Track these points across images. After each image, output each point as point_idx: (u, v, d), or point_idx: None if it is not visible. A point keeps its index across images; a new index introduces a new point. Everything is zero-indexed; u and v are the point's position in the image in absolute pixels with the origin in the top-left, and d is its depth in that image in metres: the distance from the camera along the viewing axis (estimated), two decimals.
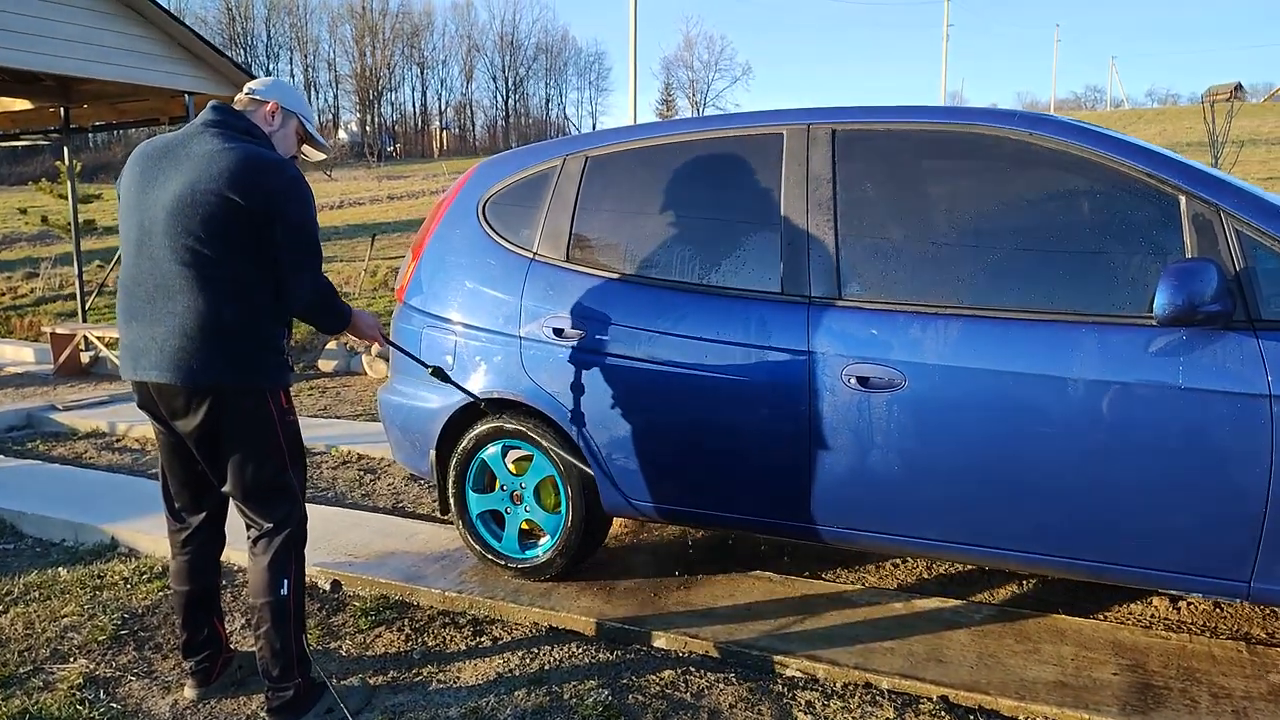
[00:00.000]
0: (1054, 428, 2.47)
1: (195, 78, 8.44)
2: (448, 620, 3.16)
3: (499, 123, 74.19)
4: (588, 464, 3.14)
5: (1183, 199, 2.43)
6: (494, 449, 3.34)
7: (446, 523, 3.96)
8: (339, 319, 2.59)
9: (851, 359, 2.69)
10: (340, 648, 3.00)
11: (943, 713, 2.50)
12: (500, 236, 3.35)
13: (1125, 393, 2.39)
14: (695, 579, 3.35)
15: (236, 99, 2.63)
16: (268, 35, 65.26)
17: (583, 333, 3.09)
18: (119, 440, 5.99)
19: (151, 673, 2.89)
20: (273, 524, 2.51)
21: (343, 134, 60.48)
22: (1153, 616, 3.04)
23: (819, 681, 2.68)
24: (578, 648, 2.94)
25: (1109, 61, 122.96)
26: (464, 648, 2.98)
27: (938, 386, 2.59)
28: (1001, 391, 2.51)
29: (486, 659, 2.89)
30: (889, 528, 2.76)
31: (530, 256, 3.27)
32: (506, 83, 74.09)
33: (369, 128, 62.96)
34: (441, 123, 72.28)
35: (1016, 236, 2.62)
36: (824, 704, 2.56)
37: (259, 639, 2.51)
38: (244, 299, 2.40)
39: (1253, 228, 2.35)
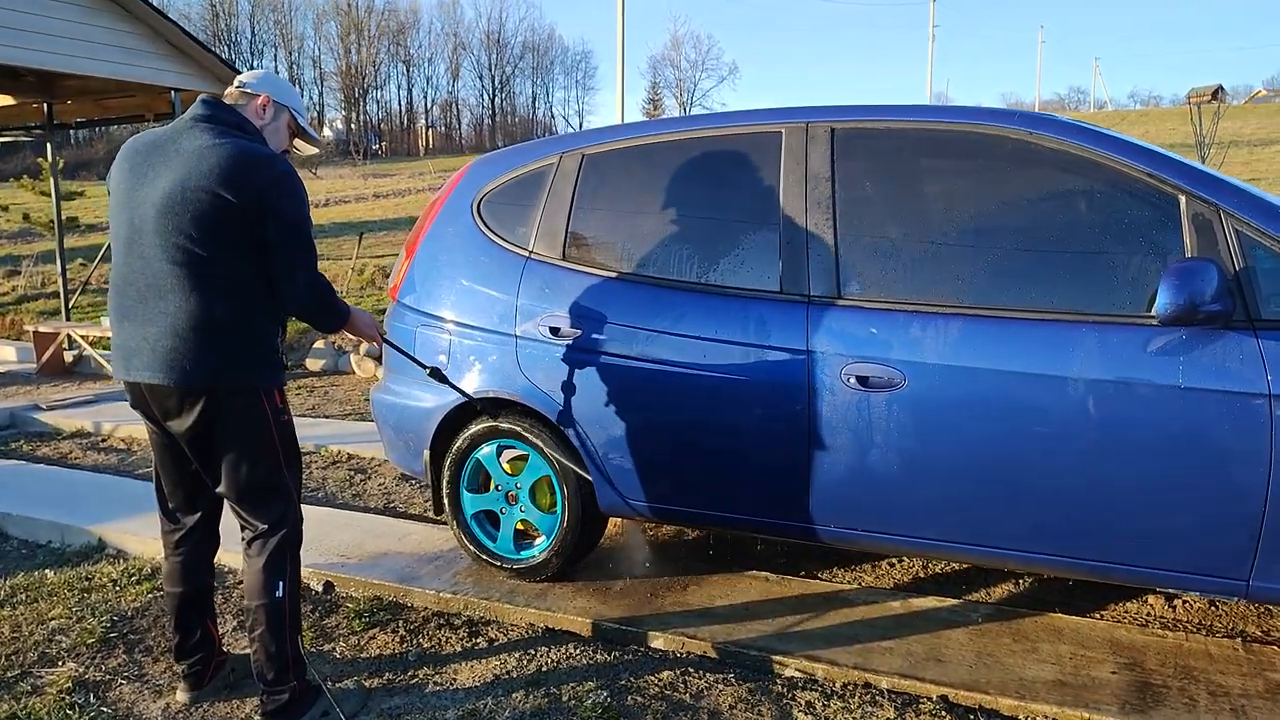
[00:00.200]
0: (1054, 427, 2.46)
1: (181, 74, 8.36)
2: (443, 622, 3.14)
3: (485, 121, 74.07)
4: (584, 464, 3.12)
5: (1183, 199, 2.43)
6: (489, 449, 3.31)
7: (440, 523, 3.93)
8: (337, 317, 2.56)
9: (851, 358, 2.68)
10: (334, 650, 2.97)
11: (943, 712, 2.49)
12: (495, 234, 3.32)
13: (1125, 392, 2.39)
14: (691, 579, 3.33)
15: (227, 92, 2.59)
16: (252, 32, 64.93)
17: (579, 331, 3.07)
18: (105, 440, 5.93)
19: (142, 676, 2.85)
20: (268, 525, 2.48)
21: (328, 132, 60.05)
22: (1149, 615, 3.05)
23: (818, 681, 2.67)
24: (575, 649, 2.92)
25: (1093, 63, 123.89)
26: (460, 649, 2.95)
27: (938, 386, 2.58)
28: (1002, 391, 2.51)
29: (483, 660, 2.87)
30: (888, 527, 2.75)
31: (526, 255, 3.24)
32: (493, 81, 73.98)
33: (354, 125, 62.70)
34: (427, 121, 72.06)
35: (1016, 236, 2.61)
36: (824, 704, 2.55)
37: (253, 641, 2.47)
38: (237, 297, 2.37)
39: (1252, 227, 2.36)
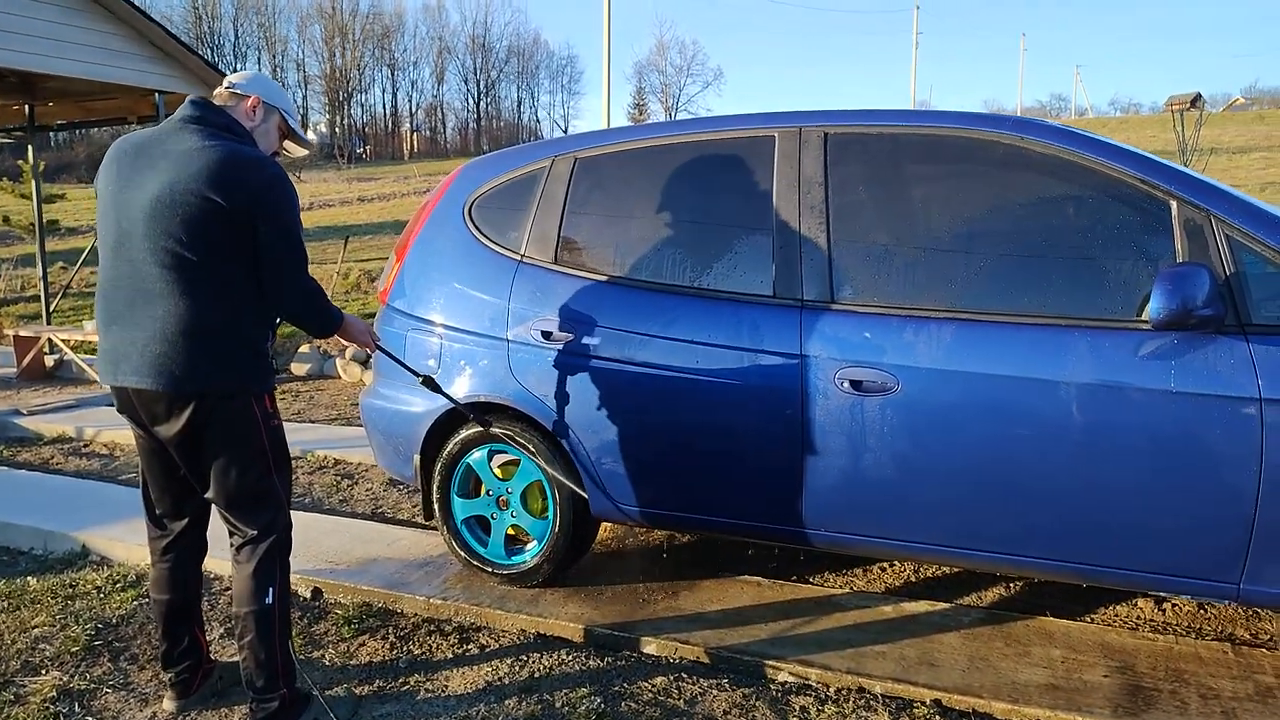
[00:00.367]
0: (1047, 431, 2.47)
1: (166, 76, 8.29)
2: (433, 628, 3.11)
3: (470, 125, 73.92)
4: (577, 472, 3.11)
5: (1174, 204, 2.45)
6: (480, 453, 3.29)
7: (429, 529, 3.90)
8: (329, 322, 2.53)
9: (844, 363, 2.68)
10: (323, 657, 2.94)
11: (936, 716, 2.49)
12: (487, 238, 3.31)
13: (1117, 396, 2.40)
14: (683, 584, 3.32)
15: (216, 93, 2.56)
16: (235, 35, 64.52)
17: (572, 336, 3.06)
18: (87, 445, 5.85)
19: (128, 684, 2.81)
20: (257, 530, 2.45)
21: (312, 135, 59.29)
22: (1139, 618, 3.06)
23: (812, 686, 2.67)
24: (567, 655, 2.90)
25: (1074, 70, 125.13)
26: (450, 656, 2.93)
27: (931, 390, 2.58)
28: (995, 395, 2.52)
29: (474, 667, 2.84)
30: (882, 532, 2.75)
31: (518, 258, 3.23)
32: (478, 85, 73.84)
33: (338, 129, 62.40)
34: (412, 125, 71.80)
35: (1009, 240, 2.63)
36: (819, 709, 2.54)
37: (243, 649, 2.44)
38: (226, 301, 2.34)
39: (1242, 233, 2.38)
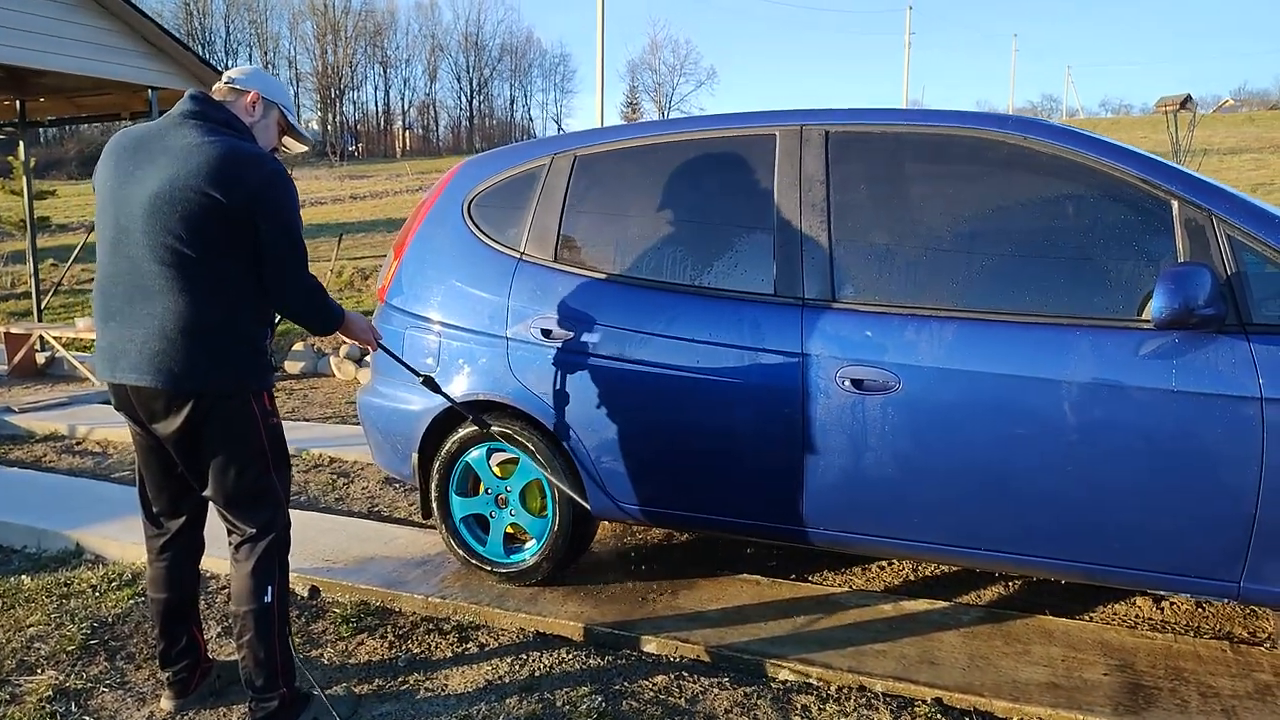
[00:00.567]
0: (1048, 430, 2.47)
1: (160, 72, 8.23)
2: (432, 626, 3.10)
3: (463, 123, 73.78)
4: (575, 466, 3.10)
5: (1175, 204, 2.45)
6: (478, 452, 3.28)
7: (426, 527, 3.89)
8: (330, 320, 2.51)
9: (846, 361, 2.68)
10: (322, 656, 2.92)
11: (938, 715, 2.49)
12: (486, 236, 3.29)
13: (1119, 395, 2.41)
14: (682, 582, 3.32)
15: (215, 88, 2.54)
16: (226, 31, 64.27)
17: (572, 334, 3.05)
18: (79, 443, 5.82)
19: (125, 684, 2.79)
20: (256, 529, 2.43)
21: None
22: (1137, 616, 3.07)
23: (813, 685, 2.66)
24: (567, 653, 2.89)
25: (1065, 71, 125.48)
26: (450, 655, 2.92)
27: (932, 389, 2.58)
28: (996, 394, 2.52)
29: (474, 666, 2.83)
30: (883, 530, 2.75)
31: (517, 256, 3.21)
32: (471, 83, 73.72)
33: (331, 126, 62.19)
34: (405, 122, 71.69)
35: (1010, 239, 2.63)
36: (820, 708, 2.54)
37: (242, 648, 2.43)
38: (226, 298, 2.32)
39: (1243, 232, 2.38)
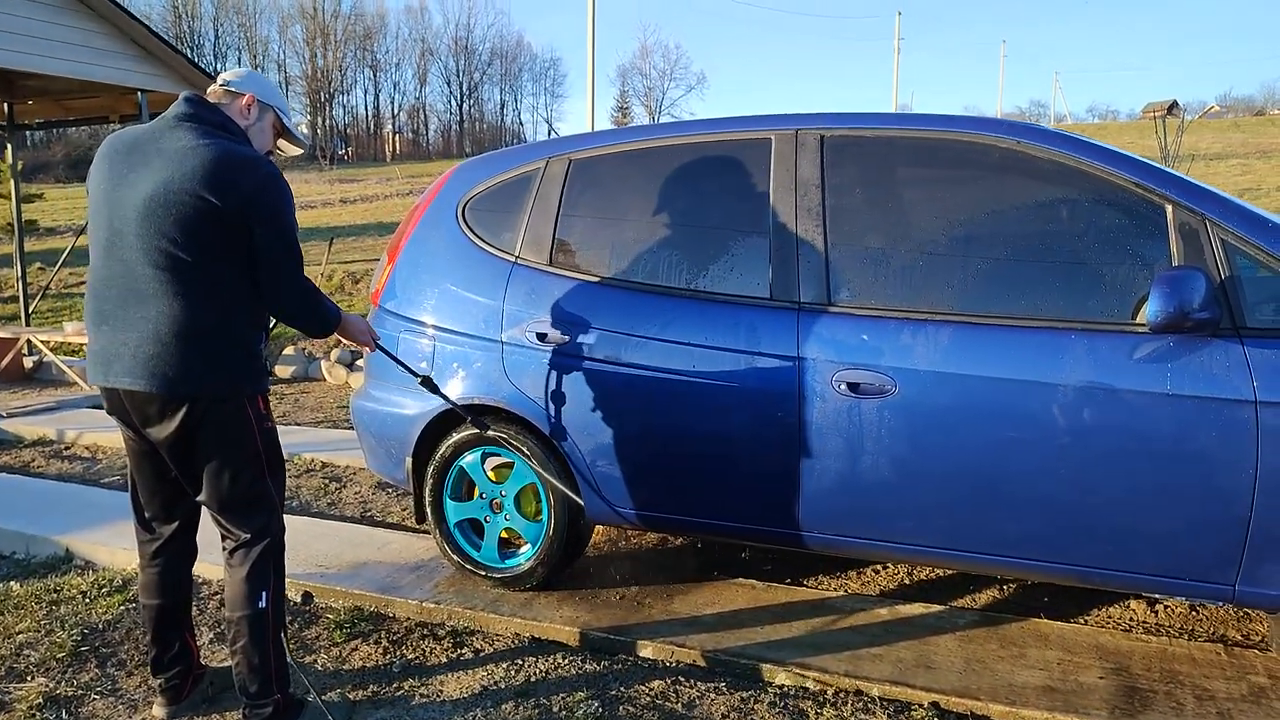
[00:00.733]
0: (1044, 434, 2.48)
1: (149, 75, 8.19)
2: (426, 632, 3.08)
3: (453, 127, 73.73)
4: (570, 470, 3.09)
5: (1169, 208, 2.47)
6: (473, 456, 3.27)
7: (420, 532, 3.87)
8: (326, 322, 2.50)
9: (842, 365, 2.68)
10: (315, 662, 2.90)
11: (935, 719, 2.49)
12: (481, 239, 3.28)
13: (1114, 399, 2.41)
14: (678, 587, 3.31)
15: (210, 91, 2.53)
16: (215, 35, 64.10)
17: (567, 338, 3.04)
18: (68, 448, 5.77)
19: (116, 691, 2.76)
20: (250, 534, 2.42)
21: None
22: (1132, 620, 3.08)
23: (810, 690, 2.66)
24: (563, 658, 2.88)
25: (1053, 77, 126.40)
26: (445, 660, 2.90)
27: (928, 392, 2.59)
28: (992, 398, 2.52)
29: (469, 671, 2.82)
30: (879, 534, 2.75)
31: (512, 260, 3.21)
32: (461, 87, 73.70)
33: (320, 130, 62.00)
34: (394, 126, 71.55)
35: (1006, 243, 2.63)
36: (817, 712, 2.53)
37: (236, 654, 2.41)
38: (220, 302, 2.31)
39: (1237, 236, 2.40)
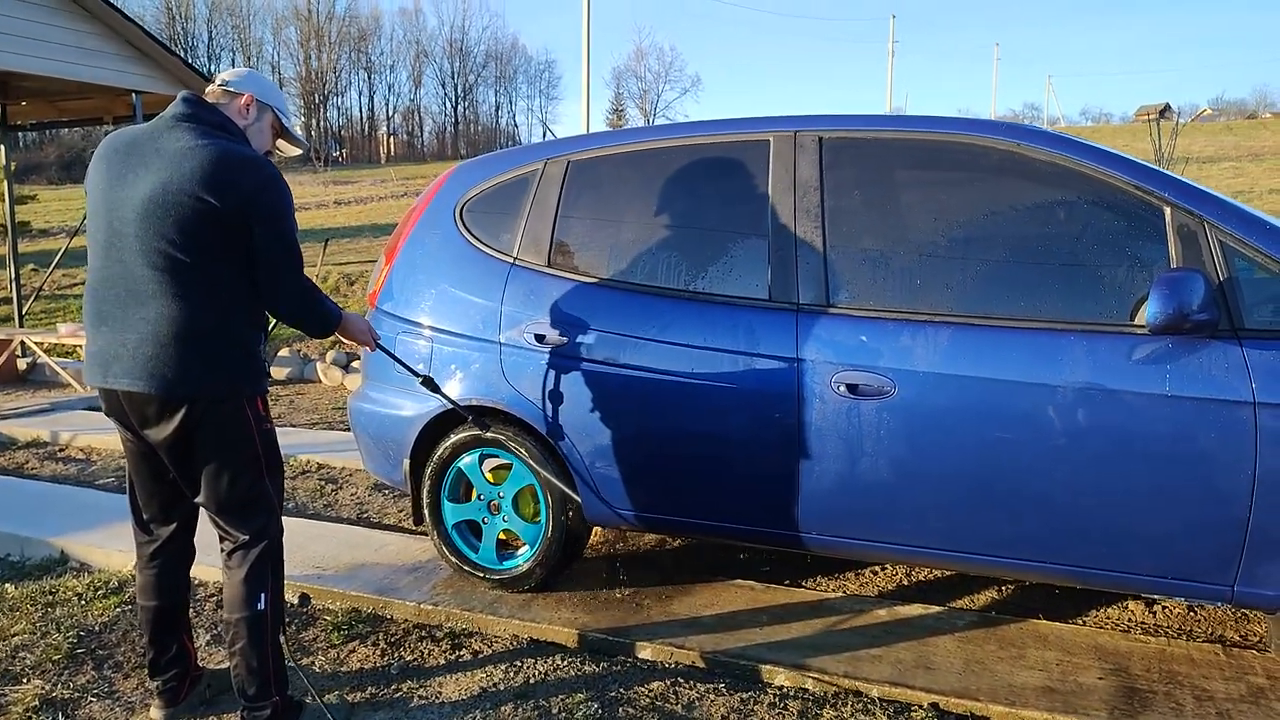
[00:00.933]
0: (1043, 435, 2.48)
1: (144, 76, 8.17)
2: (424, 634, 3.07)
3: (448, 129, 73.64)
4: (571, 476, 3.09)
5: (1168, 210, 2.47)
6: (471, 457, 3.26)
7: (417, 533, 3.86)
8: (327, 322, 2.49)
9: (841, 366, 2.68)
10: (313, 663, 2.89)
11: None
12: (479, 241, 3.28)
13: (1113, 400, 2.42)
14: (676, 588, 3.30)
15: (208, 91, 2.52)
16: (209, 36, 63.91)
17: (566, 339, 3.04)
18: (62, 450, 5.75)
19: (113, 693, 2.75)
20: (249, 535, 2.41)
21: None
22: (1130, 620, 3.08)
23: (809, 691, 2.66)
24: (562, 660, 2.87)
25: (1046, 80, 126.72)
26: (443, 662, 2.89)
27: (927, 394, 2.59)
28: (991, 399, 2.53)
29: (468, 673, 2.81)
30: (878, 535, 2.75)
31: (511, 261, 3.20)
32: (456, 89, 73.62)
33: (315, 132, 61.91)
34: (389, 128, 71.48)
35: (1005, 245, 2.64)
36: (817, 713, 2.53)
37: (234, 656, 2.40)
38: (220, 303, 2.30)
39: (1235, 238, 2.40)
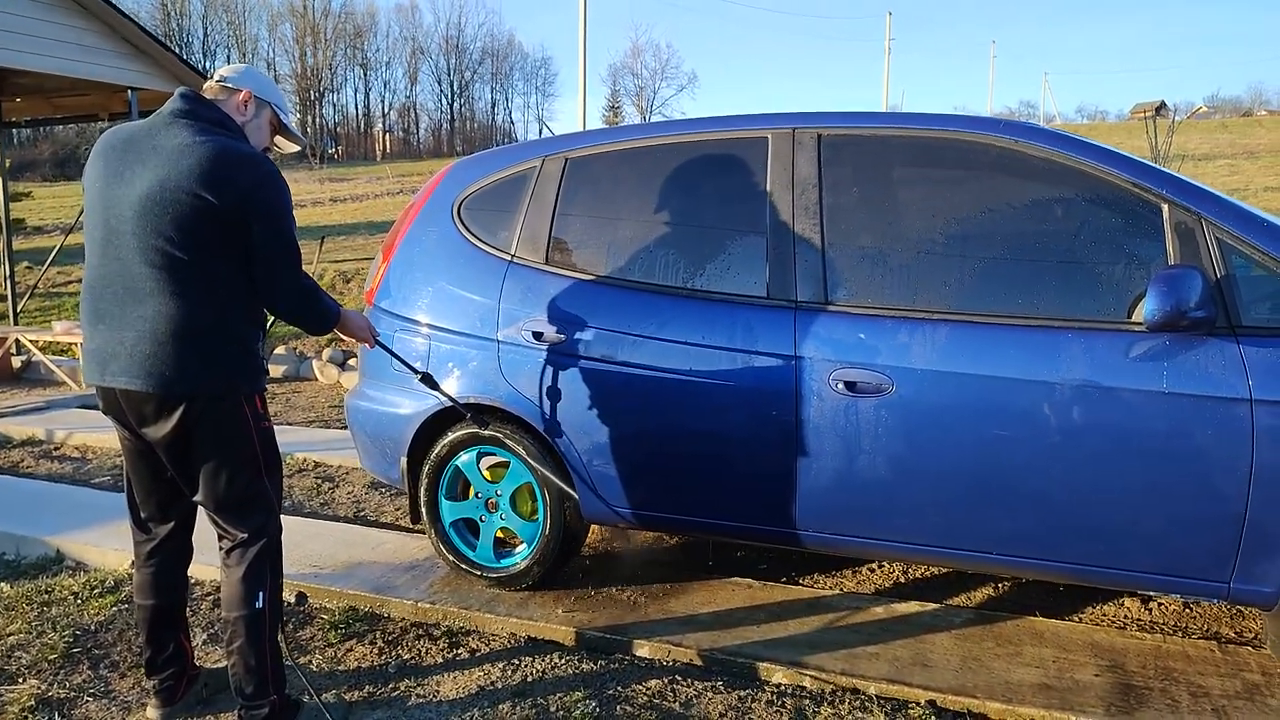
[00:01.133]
0: (1041, 432, 2.49)
1: (140, 73, 8.13)
2: (421, 632, 3.07)
3: (444, 126, 73.58)
4: (568, 473, 3.08)
5: (1165, 207, 2.48)
6: (468, 455, 3.26)
7: (414, 531, 3.86)
8: (326, 319, 2.48)
9: (839, 364, 2.68)
10: (311, 662, 2.89)
11: (931, 717, 2.50)
12: (476, 238, 3.27)
13: (1111, 397, 2.42)
14: (674, 586, 3.31)
15: (206, 87, 2.51)
16: (204, 32, 63.83)
17: (564, 337, 3.03)
18: (58, 448, 5.73)
19: (109, 692, 2.74)
20: (247, 534, 2.40)
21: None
22: (1126, 617, 3.09)
23: (807, 688, 2.66)
24: (559, 658, 2.87)
25: (1042, 77, 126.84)
26: (441, 660, 2.89)
27: (925, 391, 2.59)
28: (989, 396, 2.53)
29: (465, 671, 2.81)
30: (876, 532, 2.75)
31: (508, 258, 3.20)
32: (451, 86, 73.56)
33: (310, 129, 61.81)
34: (385, 125, 71.41)
35: (1003, 242, 2.64)
36: (815, 711, 2.54)
37: (231, 654, 2.39)
38: (218, 300, 2.29)
39: (1232, 235, 2.41)
